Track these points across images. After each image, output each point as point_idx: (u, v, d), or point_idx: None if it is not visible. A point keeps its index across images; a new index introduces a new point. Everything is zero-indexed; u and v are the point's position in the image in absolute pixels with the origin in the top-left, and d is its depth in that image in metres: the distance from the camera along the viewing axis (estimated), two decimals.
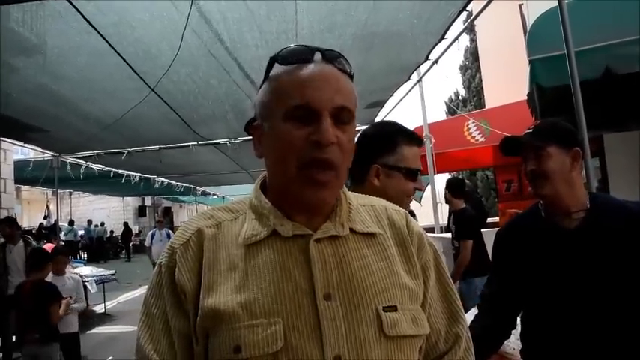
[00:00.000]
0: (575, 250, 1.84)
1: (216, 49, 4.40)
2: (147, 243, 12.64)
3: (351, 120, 1.00)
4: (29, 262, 4.87)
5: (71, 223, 22.88)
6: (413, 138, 1.85)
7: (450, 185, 5.92)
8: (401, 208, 1.19)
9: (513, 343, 2.46)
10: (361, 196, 1.17)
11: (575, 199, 1.90)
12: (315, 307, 0.92)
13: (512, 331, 2.27)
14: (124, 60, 4.47)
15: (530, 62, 3.97)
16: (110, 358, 7.17)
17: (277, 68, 1.03)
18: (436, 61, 5.24)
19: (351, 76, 1.05)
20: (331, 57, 1.03)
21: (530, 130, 1.98)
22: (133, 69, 4.69)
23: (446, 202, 6.03)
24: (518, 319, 2.18)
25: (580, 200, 1.91)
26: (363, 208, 1.11)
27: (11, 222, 7.36)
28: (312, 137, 0.95)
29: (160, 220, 13.49)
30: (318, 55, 1.02)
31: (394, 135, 1.81)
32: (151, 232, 12.94)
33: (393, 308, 0.97)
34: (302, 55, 1.01)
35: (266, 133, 1.03)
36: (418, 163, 1.85)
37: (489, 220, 9.29)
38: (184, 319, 0.98)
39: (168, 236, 11.36)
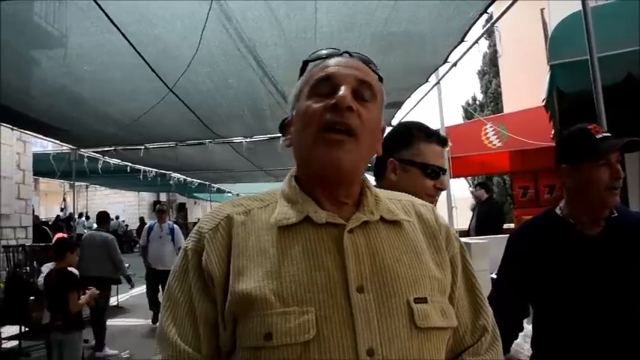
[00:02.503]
0: (599, 255, 1.83)
1: (235, 47, 4.41)
2: (141, 241, 9.23)
3: (373, 98, 1.04)
4: (53, 253, 4.96)
5: (84, 216, 23.13)
6: (431, 135, 1.86)
7: None
8: (427, 203, 1.20)
9: (528, 351, 2.44)
10: (387, 191, 1.18)
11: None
12: (349, 298, 0.92)
13: (526, 339, 2.26)
14: (144, 59, 4.50)
15: (551, 67, 3.93)
16: (126, 352, 7.24)
17: (309, 66, 1.09)
18: (455, 64, 5.21)
19: (380, 79, 1.10)
20: (360, 58, 1.09)
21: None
22: (152, 69, 4.72)
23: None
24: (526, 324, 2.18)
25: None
26: (390, 201, 1.12)
27: None
28: (330, 102, 0.98)
29: (161, 209, 9.42)
30: (346, 56, 1.08)
31: (411, 130, 1.82)
32: (147, 225, 9.51)
33: (424, 300, 0.97)
34: (331, 54, 1.08)
35: (293, 119, 1.07)
36: (439, 161, 1.84)
37: (504, 225, 9.23)
38: (211, 305, 0.98)
39: (172, 232, 8.89)
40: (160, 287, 8.32)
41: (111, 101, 5.82)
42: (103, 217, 8.39)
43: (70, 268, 4.99)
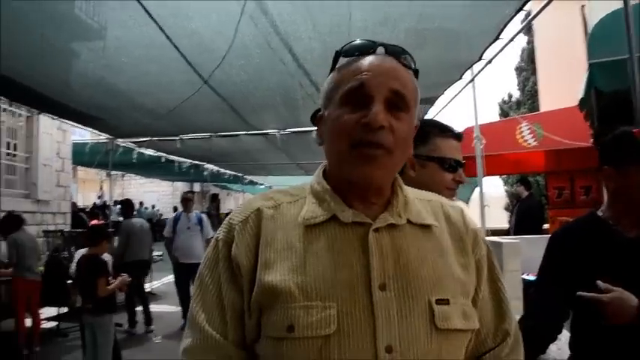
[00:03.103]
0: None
1: (269, 40, 4.45)
2: (166, 233, 8.41)
3: (407, 108, 1.02)
4: (87, 239, 5.12)
5: (119, 204, 23.62)
6: (446, 129, 1.89)
7: None
8: (456, 204, 1.21)
9: (555, 353, 2.41)
10: (417, 190, 1.18)
11: None
12: (370, 296, 0.94)
13: (555, 342, 2.24)
14: (180, 52, 4.59)
15: (590, 66, 3.86)
16: (159, 337, 7.43)
17: (341, 60, 1.08)
18: (490, 61, 5.13)
19: (415, 72, 1.08)
20: (395, 52, 1.06)
21: None
22: (188, 61, 4.81)
23: None
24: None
25: None
26: (419, 202, 1.13)
27: None
28: (363, 120, 0.97)
29: (187, 197, 8.56)
30: (381, 49, 1.05)
31: (426, 127, 1.82)
32: (173, 216, 8.92)
33: (446, 301, 0.98)
34: (365, 47, 1.06)
35: (325, 120, 1.07)
36: (456, 154, 1.86)
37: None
38: (238, 294, 1.01)
39: (200, 222, 8.34)
40: (191, 282, 7.57)
41: (147, 92, 5.94)
42: (127, 205, 8.78)
43: (103, 255, 5.13)
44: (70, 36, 4.48)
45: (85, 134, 11.65)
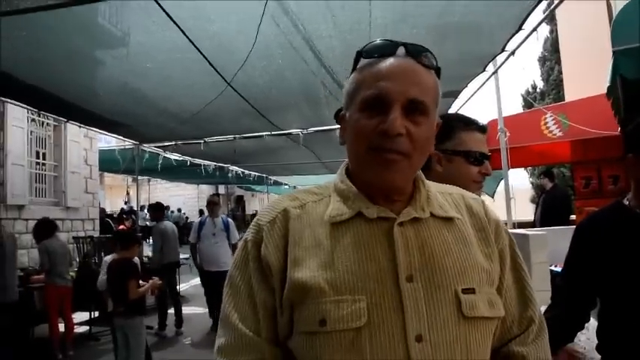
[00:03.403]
0: None
1: (291, 40, 4.47)
2: (191, 238, 8.08)
3: (426, 112, 1.03)
4: (118, 243, 5.24)
5: (145, 209, 23.92)
6: (470, 123, 1.91)
7: None
8: (477, 196, 1.23)
9: (584, 342, 2.40)
10: (438, 184, 1.21)
11: None
12: (398, 287, 0.97)
13: (583, 331, 2.23)
14: (202, 54, 4.62)
15: (614, 53, 3.79)
16: (188, 338, 7.53)
17: (362, 62, 1.09)
18: (513, 53, 5.07)
19: (437, 70, 1.09)
20: (415, 51, 1.06)
21: None
22: (210, 63, 4.85)
23: None
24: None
25: None
26: (441, 195, 1.15)
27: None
28: (380, 127, 1.00)
29: (213, 201, 8.29)
30: (401, 50, 1.06)
31: (451, 121, 1.85)
32: (197, 220, 8.68)
33: (471, 290, 1.01)
34: (385, 49, 1.07)
35: (347, 121, 1.09)
36: (481, 147, 1.88)
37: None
38: (269, 292, 1.04)
39: (226, 227, 7.98)
40: (216, 289, 7.29)
41: (171, 96, 6.01)
42: (158, 208, 8.87)
43: (134, 259, 5.24)
44: (94, 44, 4.56)
45: (111, 141, 11.85)
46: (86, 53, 4.71)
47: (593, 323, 2.24)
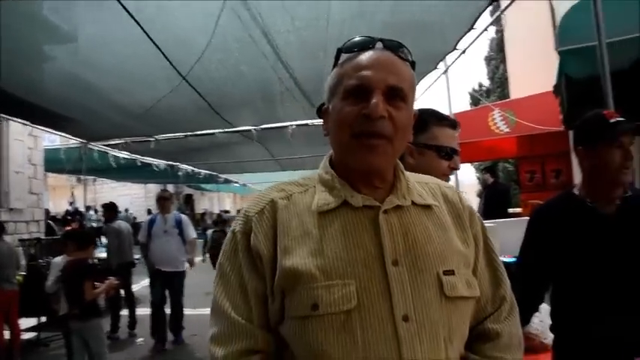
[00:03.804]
0: (614, 230, 1.96)
1: (249, 34, 4.43)
2: (141, 237, 7.51)
3: (405, 99, 1.10)
4: (74, 243, 5.07)
5: (92, 209, 23.27)
6: (443, 119, 2.02)
7: None
8: (452, 185, 1.32)
9: (537, 324, 2.55)
10: (415, 174, 1.28)
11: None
12: (385, 271, 1.03)
13: (537, 314, 2.37)
14: (158, 47, 4.51)
15: (560, 53, 3.98)
16: (141, 339, 7.39)
17: (343, 57, 1.16)
18: (464, 51, 5.24)
19: (412, 64, 1.17)
20: (392, 46, 1.14)
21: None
22: (166, 57, 4.73)
23: None
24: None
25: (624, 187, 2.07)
26: (419, 185, 1.22)
27: None
28: (363, 111, 1.06)
29: (163, 197, 7.65)
30: (379, 44, 1.14)
31: (425, 116, 1.94)
32: (148, 218, 8.01)
33: (451, 272, 1.08)
34: (364, 44, 1.14)
35: (330, 112, 1.15)
36: (452, 143, 1.98)
37: (510, 210, 9.30)
38: (260, 280, 1.09)
39: (179, 224, 7.43)
40: (167, 293, 7.25)
41: (123, 89, 5.81)
42: (112, 208, 8.78)
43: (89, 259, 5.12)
44: (41, 33, 4.34)
45: (55, 139, 11.41)
46: (33, 43, 4.47)
47: (545, 307, 2.38)
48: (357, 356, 0.99)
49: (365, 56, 1.11)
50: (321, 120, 1.22)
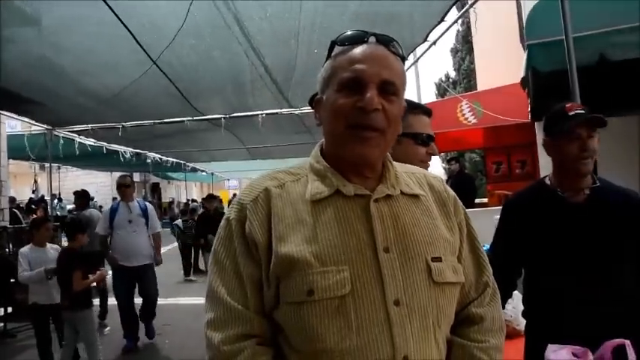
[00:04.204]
0: (583, 220, 2.05)
1: (223, 19, 4.40)
2: (101, 230, 6.59)
3: (397, 93, 1.15)
4: (65, 233, 5.02)
5: (56, 198, 22.76)
6: (417, 107, 2.08)
7: None
8: (437, 175, 1.37)
9: (510, 311, 2.64)
10: (401, 164, 1.32)
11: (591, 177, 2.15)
12: (377, 258, 1.08)
13: (509, 301, 2.45)
14: (128, 29, 4.44)
15: (528, 47, 4.06)
16: (108, 328, 7.34)
17: (336, 49, 1.19)
18: (434, 43, 5.32)
19: (402, 58, 1.21)
20: (385, 40, 1.18)
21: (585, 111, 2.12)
22: (136, 39, 4.66)
23: None
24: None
25: (592, 178, 2.15)
26: (406, 174, 1.27)
27: None
28: (358, 104, 1.09)
29: (124, 184, 6.72)
30: (372, 38, 1.17)
31: None
32: (108, 207, 7.05)
33: (439, 259, 1.14)
34: (358, 37, 1.18)
35: (323, 103, 1.18)
36: (428, 130, 2.04)
37: (477, 200, 9.48)
38: (255, 266, 1.12)
39: (144, 213, 6.65)
40: (134, 289, 6.57)
41: (92, 73, 5.70)
42: (83, 195, 8.51)
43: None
44: (5, 12, 4.16)
45: (15, 125, 11.06)
46: None
47: (517, 294, 2.47)
48: (351, 339, 1.03)
49: (359, 50, 1.15)
50: (292, 109, 1.25)
